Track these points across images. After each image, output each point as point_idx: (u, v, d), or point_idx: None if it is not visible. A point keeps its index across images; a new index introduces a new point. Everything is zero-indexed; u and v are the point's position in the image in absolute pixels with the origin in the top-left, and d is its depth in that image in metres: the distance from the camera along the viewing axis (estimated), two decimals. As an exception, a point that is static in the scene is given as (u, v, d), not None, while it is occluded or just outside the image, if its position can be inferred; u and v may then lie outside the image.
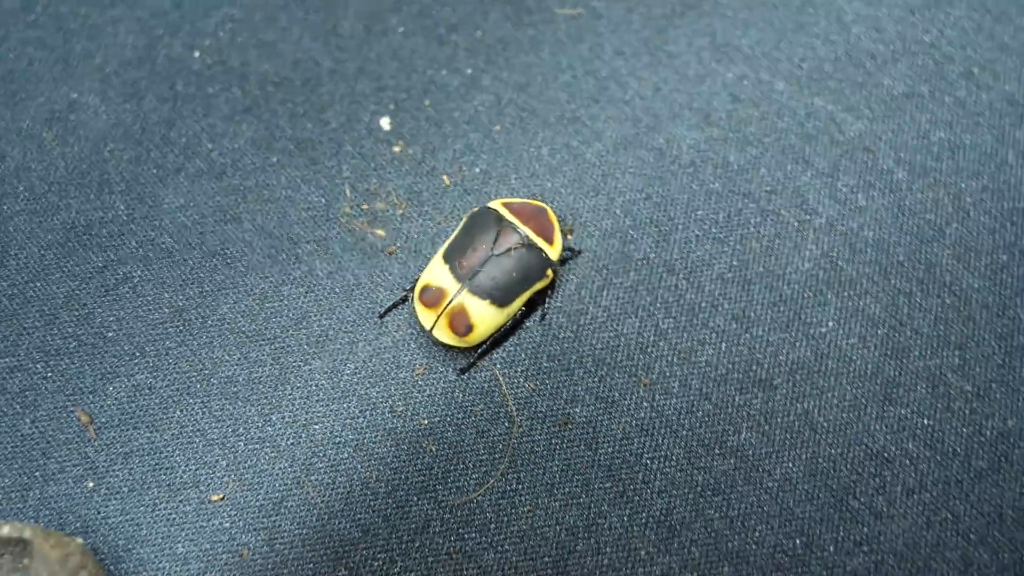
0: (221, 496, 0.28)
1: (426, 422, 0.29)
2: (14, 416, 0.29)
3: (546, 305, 0.30)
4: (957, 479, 0.28)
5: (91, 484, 0.28)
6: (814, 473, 0.28)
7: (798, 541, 0.28)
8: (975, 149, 0.32)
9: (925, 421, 0.29)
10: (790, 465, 0.28)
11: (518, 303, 0.29)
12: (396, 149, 0.32)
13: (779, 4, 0.34)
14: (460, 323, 0.28)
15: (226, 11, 0.34)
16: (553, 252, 0.29)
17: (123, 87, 0.33)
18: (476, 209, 0.30)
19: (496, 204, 0.30)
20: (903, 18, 0.34)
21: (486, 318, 0.28)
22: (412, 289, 0.30)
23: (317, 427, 0.29)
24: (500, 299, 0.28)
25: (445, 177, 0.32)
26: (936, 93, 0.33)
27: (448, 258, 0.29)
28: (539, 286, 0.29)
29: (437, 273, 0.29)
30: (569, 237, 0.31)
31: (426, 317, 0.29)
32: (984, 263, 0.31)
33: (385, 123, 0.33)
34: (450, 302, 0.28)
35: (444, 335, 0.29)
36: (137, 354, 0.30)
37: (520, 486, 0.28)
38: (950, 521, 0.28)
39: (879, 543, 0.28)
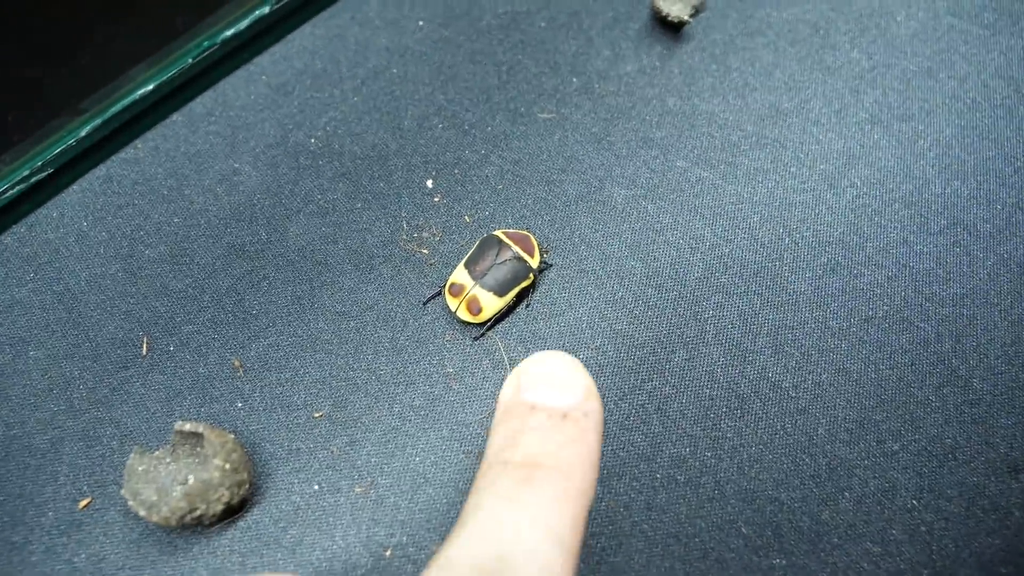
0: (321, 414, 0.34)
1: (451, 369, 0.35)
2: (193, 363, 0.35)
3: (530, 297, 0.37)
4: (789, 410, 0.35)
5: (240, 404, 0.35)
6: (699, 407, 0.35)
7: (687, 450, 0.34)
8: (802, 205, 0.39)
9: (769, 373, 0.36)
10: (683, 401, 0.35)
11: (511, 295, 0.35)
12: (436, 199, 0.39)
13: (677, 112, 0.41)
14: (474, 307, 0.35)
15: (331, 115, 0.41)
16: (533, 262, 0.36)
17: (267, 160, 0.39)
18: (486, 236, 0.37)
19: (498, 232, 0.36)
20: (758, 122, 0.41)
21: (491, 304, 0.35)
22: (444, 285, 0.36)
23: (383, 370, 0.35)
24: (499, 291, 0.35)
25: (467, 217, 0.39)
26: (777, 168, 0.40)
27: (467, 265, 0.36)
28: (525, 284, 0.36)
29: (460, 275, 0.35)
30: (546, 255, 0.37)
31: (452, 303, 0.35)
32: (808, 275, 0.38)
33: (429, 183, 0.39)
34: (468, 293, 0.35)
35: (464, 315, 0.35)
36: (270, 325, 0.36)
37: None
38: (784, 435, 0.34)
39: (740, 450, 0.34)
